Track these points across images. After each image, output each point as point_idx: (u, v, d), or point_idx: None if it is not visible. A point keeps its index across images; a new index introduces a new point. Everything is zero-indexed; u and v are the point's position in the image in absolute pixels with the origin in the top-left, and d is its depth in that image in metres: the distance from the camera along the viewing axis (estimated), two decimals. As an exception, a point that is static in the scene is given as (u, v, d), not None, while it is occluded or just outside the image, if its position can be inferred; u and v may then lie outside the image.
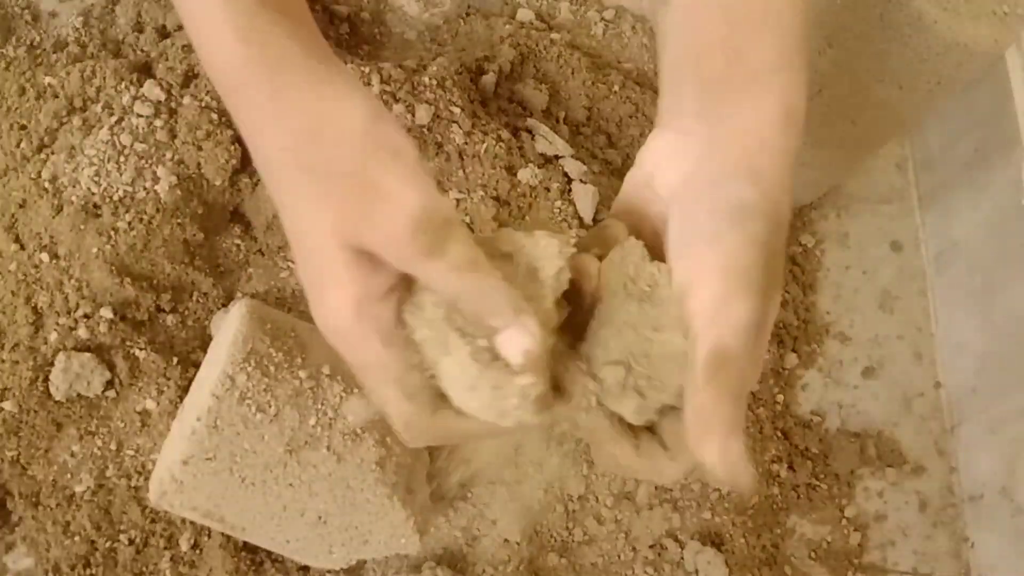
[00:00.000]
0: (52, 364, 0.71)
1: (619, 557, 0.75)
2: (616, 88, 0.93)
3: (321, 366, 0.66)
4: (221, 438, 0.62)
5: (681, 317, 0.40)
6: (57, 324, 0.72)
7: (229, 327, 0.67)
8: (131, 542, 0.71)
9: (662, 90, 0.45)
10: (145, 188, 0.76)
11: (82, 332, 0.72)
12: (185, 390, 0.71)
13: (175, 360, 0.74)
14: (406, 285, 0.41)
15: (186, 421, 0.64)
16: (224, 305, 0.78)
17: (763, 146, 0.40)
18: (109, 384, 0.72)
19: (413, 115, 0.82)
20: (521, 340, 0.40)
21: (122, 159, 0.76)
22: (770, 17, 0.41)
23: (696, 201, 0.40)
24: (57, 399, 0.71)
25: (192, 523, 0.71)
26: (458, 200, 0.83)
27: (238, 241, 0.81)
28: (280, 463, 0.63)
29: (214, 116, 0.78)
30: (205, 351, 0.72)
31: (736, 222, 0.39)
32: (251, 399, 0.63)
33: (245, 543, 0.70)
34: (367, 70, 0.82)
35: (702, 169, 0.41)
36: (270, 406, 0.63)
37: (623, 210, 0.45)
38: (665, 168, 0.43)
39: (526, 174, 0.83)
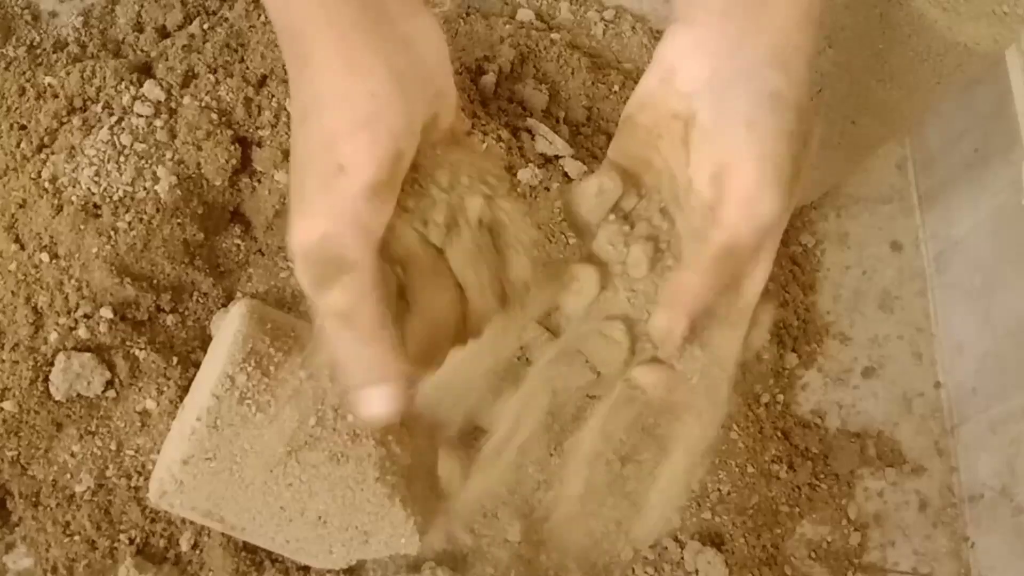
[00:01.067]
0: (52, 364, 0.71)
1: (619, 557, 0.75)
2: (616, 88, 0.93)
3: (321, 366, 0.66)
4: (221, 438, 0.62)
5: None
6: (57, 324, 0.72)
7: (229, 327, 0.67)
8: (131, 542, 0.70)
9: None
10: (145, 188, 0.76)
11: (82, 332, 0.72)
12: (185, 390, 0.71)
13: (175, 360, 0.74)
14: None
15: (186, 421, 0.64)
16: (224, 305, 0.78)
17: (788, 42, 0.41)
18: (109, 384, 0.72)
19: (413, 115, 0.82)
20: (370, 406, 0.41)
21: (122, 159, 0.76)
22: None
23: (730, 88, 0.41)
24: (57, 399, 0.71)
25: (192, 523, 0.71)
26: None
27: (238, 241, 0.81)
28: (280, 463, 0.63)
29: (214, 116, 0.78)
30: (205, 351, 0.72)
31: (772, 109, 0.40)
32: (251, 399, 0.63)
33: (245, 543, 0.70)
34: (367, 70, 0.82)
35: (732, 60, 0.41)
36: (270, 406, 0.63)
37: (639, 105, 0.45)
38: (689, 62, 0.43)
39: (526, 174, 0.83)
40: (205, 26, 0.83)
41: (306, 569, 0.72)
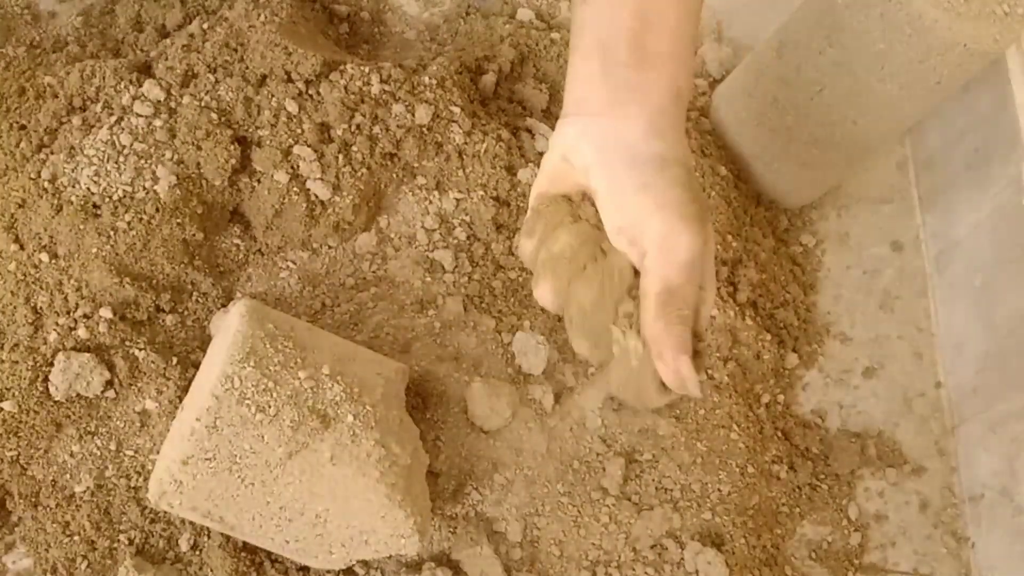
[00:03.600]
0: (52, 364, 0.71)
1: (619, 557, 0.75)
2: (616, 88, 0.93)
3: (321, 366, 0.66)
4: (221, 438, 0.62)
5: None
6: (57, 324, 0.72)
7: (229, 327, 0.67)
8: (131, 542, 0.70)
9: (569, 84, 0.53)
10: (145, 188, 0.76)
11: (82, 332, 0.72)
12: (185, 390, 0.71)
13: (175, 360, 0.74)
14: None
15: (186, 421, 0.64)
16: (224, 305, 0.78)
17: (662, 114, 0.49)
18: (109, 384, 0.72)
19: (413, 115, 0.82)
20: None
21: (122, 159, 0.76)
22: (668, 17, 0.50)
23: (616, 161, 0.48)
24: (57, 399, 0.71)
25: (192, 523, 0.70)
26: (458, 200, 0.83)
27: (238, 241, 0.81)
28: (280, 463, 0.63)
29: (214, 116, 0.78)
30: (205, 351, 0.72)
31: (658, 169, 0.47)
32: (251, 399, 0.63)
33: (245, 543, 0.70)
34: (367, 70, 0.82)
35: (615, 137, 0.49)
36: (270, 406, 0.63)
37: (549, 181, 0.53)
38: (578, 146, 0.50)
39: (526, 174, 0.83)
40: (205, 26, 0.83)
41: (306, 569, 0.72)
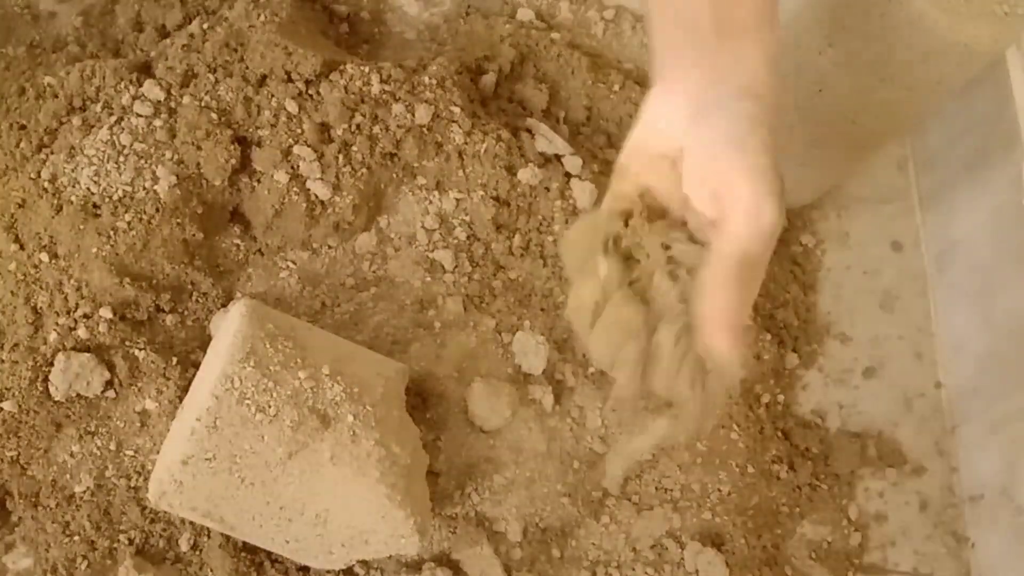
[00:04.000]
0: (52, 364, 0.71)
1: (619, 557, 0.74)
2: (616, 88, 0.93)
3: (321, 366, 0.66)
4: (221, 438, 0.62)
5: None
6: (57, 324, 0.72)
7: (229, 327, 0.67)
8: (131, 542, 0.70)
9: (654, 54, 0.50)
10: (145, 188, 0.76)
11: (82, 332, 0.72)
12: (185, 390, 0.71)
13: (175, 360, 0.74)
14: None
15: (186, 421, 0.64)
16: (224, 305, 0.78)
17: (756, 79, 0.47)
18: (109, 384, 0.72)
19: (413, 115, 0.82)
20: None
21: (122, 159, 0.76)
22: None
23: (709, 118, 0.46)
24: (57, 399, 0.71)
25: (192, 523, 0.70)
26: (458, 200, 0.83)
27: (238, 241, 0.81)
28: (280, 463, 0.63)
29: (213, 116, 0.78)
30: (205, 351, 0.72)
31: (751, 129, 0.45)
32: (251, 399, 0.63)
33: (245, 543, 0.70)
34: (367, 69, 0.82)
35: (709, 96, 0.47)
36: (270, 406, 0.63)
37: (631, 154, 0.50)
38: (669, 108, 0.48)
39: (526, 174, 0.83)
40: (205, 26, 0.83)
41: (306, 569, 0.72)
